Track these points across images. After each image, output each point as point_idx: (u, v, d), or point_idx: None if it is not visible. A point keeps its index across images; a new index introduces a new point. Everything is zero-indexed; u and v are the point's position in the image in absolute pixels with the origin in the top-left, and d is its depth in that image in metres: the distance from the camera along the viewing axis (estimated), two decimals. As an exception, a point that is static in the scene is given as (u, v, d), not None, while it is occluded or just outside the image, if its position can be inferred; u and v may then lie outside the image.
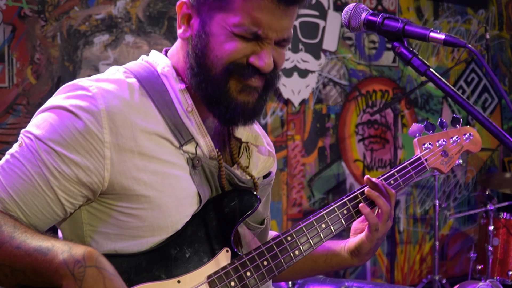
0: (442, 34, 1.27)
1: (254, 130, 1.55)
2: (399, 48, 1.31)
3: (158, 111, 1.33)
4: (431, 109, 5.06)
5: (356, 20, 1.36)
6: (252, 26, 1.30)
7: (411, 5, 4.91)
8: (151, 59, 1.43)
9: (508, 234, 4.12)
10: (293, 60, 4.20)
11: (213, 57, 1.32)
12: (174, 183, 1.32)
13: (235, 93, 1.35)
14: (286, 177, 4.29)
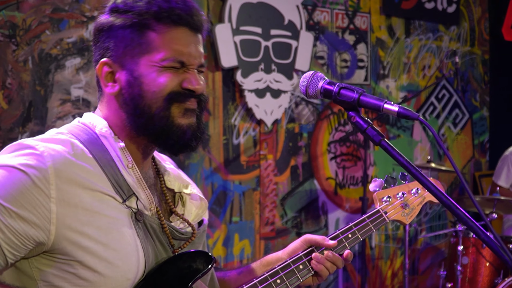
0: (395, 106, 1.32)
1: (184, 180, 1.65)
2: (355, 118, 1.37)
3: (102, 169, 1.41)
4: (402, 126, 5.15)
5: (313, 89, 1.42)
6: (177, 56, 1.42)
7: (382, 24, 5.00)
8: (87, 121, 1.50)
9: (478, 253, 4.22)
10: (265, 81, 4.26)
11: (151, 94, 1.43)
12: (119, 237, 1.39)
13: (178, 118, 1.45)
14: (259, 196, 4.35)
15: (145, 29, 1.42)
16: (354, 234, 1.76)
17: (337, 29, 4.73)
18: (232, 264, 4.25)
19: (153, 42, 1.42)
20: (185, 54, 1.43)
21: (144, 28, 1.43)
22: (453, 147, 5.53)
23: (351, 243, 1.76)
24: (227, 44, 4.07)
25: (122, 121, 1.47)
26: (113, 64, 1.45)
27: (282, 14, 4.33)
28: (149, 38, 1.42)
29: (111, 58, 1.45)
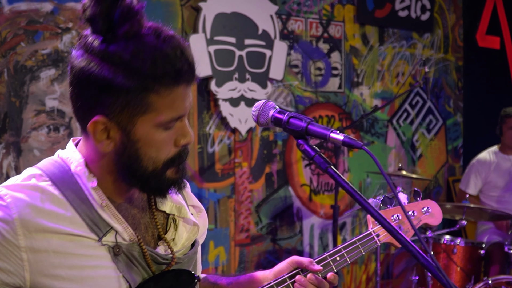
0: (341, 135, 1.39)
1: (178, 201, 1.63)
2: (303, 146, 1.44)
3: (74, 210, 1.43)
4: (376, 133, 5.26)
5: (264, 118, 1.48)
6: (176, 115, 1.40)
7: (356, 32, 5.11)
8: (65, 155, 1.50)
9: (449, 259, 4.34)
10: (240, 90, 4.35)
11: (148, 159, 1.42)
12: (93, 274, 1.42)
13: (171, 175, 1.47)
14: (234, 203, 4.44)
15: (146, 92, 1.36)
16: (342, 257, 1.75)
17: (311, 38, 4.83)
18: (207, 271, 4.34)
19: (154, 104, 1.37)
20: (183, 109, 1.41)
21: (145, 90, 1.36)
22: (427, 153, 5.65)
23: (338, 266, 1.74)
24: (201, 54, 4.15)
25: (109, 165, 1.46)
26: (108, 122, 1.39)
27: (256, 23, 4.42)
28: (150, 100, 1.37)
29: (106, 115, 1.38)
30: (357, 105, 5.11)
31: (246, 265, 4.52)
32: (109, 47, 1.35)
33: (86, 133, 1.44)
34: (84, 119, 1.41)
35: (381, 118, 5.29)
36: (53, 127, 3.69)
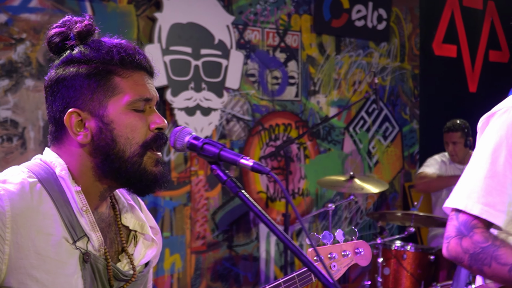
0: (250, 161, 1.46)
1: (141, 219, 1.72)
2: (216, 171, 1.51)
3: (57, 210, 1.51)
4: (333, 140, 5.37)
5: (180, 143, 1.54)
6: (142, 95, 1.55)
7: (313, 42, 5.21)
8: (48, 159, 1.58)
9: (399, 264, 4.46)
10: (195, 99, 4.42)
11: (124, 140, 1.54)
12: (64, 283, 1.49)
13: (150, 167, 1.57)
14: (190, 211, 4.50)
15: (110, 75, 1.54)
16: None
17: (268, 47, 4.92)
18: (162, 278, 4.40)
19: (119, 86, 1.53)
20: (146, 93, 1.56)
21: (109, 74, 1.53)
22: (383, 159, 5.78)
23: None
24: (156, 63, 4.18)
25: (86, 167, 1.56)
26: (82, 112, 1.53)
27: (212, 34, 4.50)
28: (115, 83, 1.53)
29: (79, 106, 1.53)
30: (313, 113, 5.21)
31: (202, 272, 4.60)
32: (73, 54, 1.56)
33: (60, 138, 1.57)
34: (60, 118, 1.55)
35: (337, 126, 5.40)
36: (6, 137, 3.72)
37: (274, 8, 4.95)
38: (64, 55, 1.56)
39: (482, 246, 1.84)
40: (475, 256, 1.85)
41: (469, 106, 6.19)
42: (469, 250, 1.85)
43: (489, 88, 6.56)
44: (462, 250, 1.87)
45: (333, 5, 5.25)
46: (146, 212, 1.80)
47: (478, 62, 6.64)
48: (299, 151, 5.14)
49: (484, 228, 1.86)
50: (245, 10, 4.77)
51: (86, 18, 1.61)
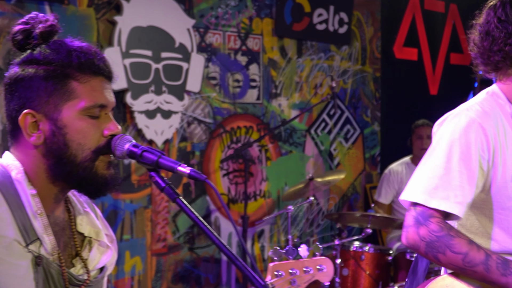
0: (187, 169, 1.51)
1: (96, 226, 1.75)
2: (155, 178, 1.56)
3: (11, 213, 1.53)
4: (294, 142, 5.45)
5: (120, 150, 1.58)
6: (98, 101, 1.58)
7: (275, 45, 5.28)
8: (5, 162, 1.61)
9: (357, 265, 4.55)
10: (156, 102, 4.45)
11: (76, 146, 1.56)
12: (15, 284, 1.52)
13: (102, 170, 1.60)
14: (150, 214, 4.54)
15: (67, 79, 1.55)
16: None
17: (229, 51, 4.97)
18: (122, 280, 4.43)
19: (75, 91, 1.55)
20: (102, 100, 1.58)
21: (66, 78, 1.55)
22: (345, 161, 5.87)
23: None
24: (116, 67, 4.19)
25: (40, 168, 1.58)
26: (36, 114, 1.55)
27: (173, 37, 4.53)
28: (72, 87, 1.55)
29: (34, 108, 1.55)
30: (275, 116, 5.28)
31: (163, 274, 4.63)
32: (33, 54, 1.58)
33: (17, 137, 1.59)
34: (16, 117, 1.56)
35: (299, 128, 5.48)
36: (-38, 140, 3.72)
37: (236, 11, 5.00)
38: (25, 55, 1.59)
39: (437, 235, 1.95)
40: (431, 244, 1.95)
41: (430, 109, 6.32)
42: (425, 238, 1.96)
43: (450, 91, 6.70)
44: (419, 238, 1.97)
45: (294, 8, 5.33)
46: (102, 220, 1.82)
47: (439, 65, 6.77)
48: (260, 154, 5.21)
49: (440, 218, 1.97)
50: (206, 14, 4.82)
51: (50, 18, 1.63)
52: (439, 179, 1.99)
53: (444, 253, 1.95)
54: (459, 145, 2.00)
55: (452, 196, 1.97)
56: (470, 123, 2.01)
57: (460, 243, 1.94)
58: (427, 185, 2.00)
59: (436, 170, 2.01)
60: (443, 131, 2.06)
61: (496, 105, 2.08)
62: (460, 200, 1.98)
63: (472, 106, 2.07)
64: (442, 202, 1.97)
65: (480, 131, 2.01)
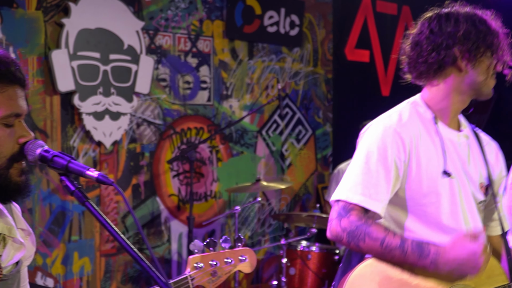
0: (95, 173, 1.59)
1: (9, 222, 1.82)
2: (65, 182, 1.64)
3: None
4: (246, 143, 5.55)
5: (32, 155, 1.66)
6: (14, 110, 1.66)
7: (226, 47, 5.37)
8: None
9: (303, 264, 4.67)
10: (104, 104, 4.51)
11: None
12: None
13: (15, 177, 1.68)
14: (99, 215, 4.59)
15: None
16: None
17: (179, 53, 5.05)
18: (71, 281, 4.48)
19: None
20: (19, 107, 1.67)
21: None
22: (296, 162, 5.99)
23: None
24: (64, 69, 4.29)
25: None
26: None
27: (121, 39, 4.60)
28: None
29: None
30: (226, 117, 5.37)
31: (112, 275, 4.69)
32: None
33: None
34: None
35: (250, 129, 5.58)
36: None
37: (186, 14, 5.08)
38: None
39: (357, 224, 2.13)
40: (351, 233, 2.13)
41: (382, 110, 6.44)
42: (347, 229, 2.13)
43: (402, 92, 6.82)
44: (341, 229, 2.14)
45: (245, 11, 5.43)
46: (17, 215, 1.89)
47: (391, 66, 6.92)
48: (211, 155, 5.29)
49: (360, 212, 2.17)
50: (156, 16, 4.89)
51: None
52: (360, 179, 2.19)
53: (364, 240, 2.11)
54: (376, 149, 2.21)
55: (373, 194, 2.17)
56: (387, 129, 2.23)
57: (377, 229, 2.11)
58: (350, 184, 2.21)
59: (357, 171, 2.22)
60: (365, 138, 2.27)
61: (415, 113, 2.31)
62: (379, 197, 2.18)
63: (391, 114, 2.32)
64: (362, 198, 2.17)
65: (396, 136, 2.22)
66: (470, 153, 2.37)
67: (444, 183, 2.25)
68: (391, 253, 2.10)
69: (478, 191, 2.35)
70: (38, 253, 4.32)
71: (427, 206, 2.25)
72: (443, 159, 2.26)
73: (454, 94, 2.31)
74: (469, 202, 2.31)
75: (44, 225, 4.35)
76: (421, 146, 2.25)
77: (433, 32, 2.27)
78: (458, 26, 2.25)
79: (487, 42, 2.24)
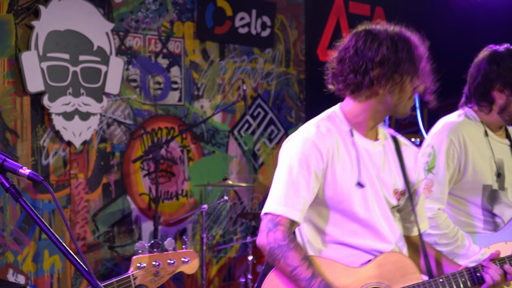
0: (27, 171, 1.72)
1: None
2: (0, 179, 1.77)
3: None
4: (217, 143, 5.68)
5: None
6: None
7: (197, 48, 5.49)
8: None
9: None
10: (74, 104, 4.63)
11: None
12: None
13: None
14: (70, 213, 4.71)
15: None
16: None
17: (150, 54, 5.17)
18: (42, 278, 4.59)
19: None
20: None
21: None
22: (269, 161, 6.13)
23: None
24: (33, 70, 4.40)
25: None
26: None
27: (91, 40, 4.71)
28: None
29: None
30: (197, 117, 5.50)
31: (82, 272, 4.80)
32: None
33: None
34: None
35: (222, 129, 5.71)
36: None
37: (156, 15, 5.20)
38: None
39: (279, 243, 2.27)
40: (273, 250, 2.28)
41: (354, 109, 6.60)
42: (271, 244, 2.29)
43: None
44: (267, 242, 2.30)
45: (216, 12, 5.55)
46: None
47: (364, 67, 7.06)
48: (182, 154, 5.42)
49: (286, 227, 2.30)
50: (126, 18, 5.01)
51: None
52: (284, 191, 2.33)
53: (279, 261, 2.26)
54: (298, 161, 2.34)
55: (295, 204, 2.31)
56: (305, 141, 2.37)
57: (294, 256, 2.25)
58: (274, 197, 2.35)
59: (281, 184, 2.35)
60: (286, 151, 2.41)
61: (332, 125, 2.45)
62: (301, 208, 2.32)
63: (309, 127, 2.45)
64: (286, 210, 2.30)
65: (314, 147, 2.36)
66: (386, 161, 2.50)
67: (358, 193, 2.40)
68: (297, 283, 2.25)
69: (391, 197, 2.48)
70: (9, 250, 4.44)
71: (342, 212, 2.40)
72: (358, 170, 2.41)
73: (371, 112, 2.43)
74: (382, 207, 2.45)
75: (15, 223, 4.46)
76: (337, 157, 2.39)
77: (357, 52, 2.37)
78: (379, 50, 2.33)
79: (405, 69, 2.33)
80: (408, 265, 2.45)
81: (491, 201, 3.17)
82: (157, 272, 2.30)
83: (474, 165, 3.10)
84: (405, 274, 2.43)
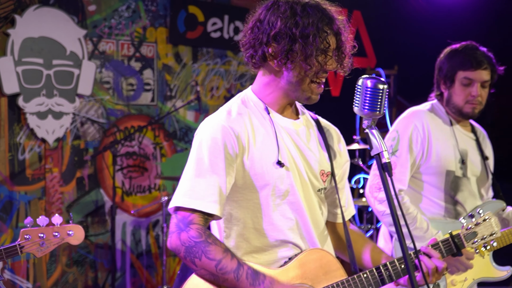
0: None
1: None
2: None
3: None
4: (190, 140, 6.18)
5: None
6: None
7: (169, 52, 6.01)
8: None
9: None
10: (47, 105, 5.18)
11: None
12: None
13: None
14: (45, 204, 5.26)
15: None
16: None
17: (123, 57, 5.70)
18: (18, 263, 5.15)
19: None
20: None
21: None
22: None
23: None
24: (9, 74, 4.97)
25: None
26: None
27: (64, 46, 5.26)
28: None
29: None
30: (170, 116, 6.01)
31: (57, 259, 5.35)
32: None
33: None
34: None
35: (194, 127, 6.21)
36: None
37: (129, 22, 5.73)
38: None
39: (196, 240, 2.13)
40: (189, 249, 2.13)
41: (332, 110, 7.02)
42: (185, 243, 2.14)
43: (352, 93, 7.39)
44: (180, 243, 2.14)
45: (187, 18, 6.06)
46: None
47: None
48: (155, 151, 5.94)
49: (200, 225, 2.17)
50: (99, 24, 5.54)
51: None
52: (194, 182, 2.18)
53: (200, 258, 2.11)
54: (207, 148, 2.20)
55: (208, 195, 2.17)
56: (216, 127, 2.24)
57: (215, 250, 2.12)
58: (185, 189, 2.19)
59: (191, 174, 2.20)
60: (196, 139, 2.28)
61: (244, 107, 2.31)
62: (215, 199, 2.17)
63: (219, 112, 2.33)
64: (199, 202, 2.16)
65: (225, 131, 2.22)
66: (310, 140, 2.37)
67: (279, 173, 2.26)
68: (224, 276, 2.12)
69: (317, 179, 2.35)
70: (-10, 238, 5.01)
71: (262, 196, 2.27)
72: (277, 149, 2.26)
73: (280, 90, 2.30)
74: (306, 191, 2.33)
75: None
76: (253, 137, 2.26)
77: (258, 24, 2.25)
78: (276, 24, 2.21)
79: (302, 46, 2.18)
80: (331, 261, 2.34)
81: (454, 187, 3.39)
82: (42, 242, 2.88)
83: (437, 151, 3.35)
84: (328, 272, 2.32)
